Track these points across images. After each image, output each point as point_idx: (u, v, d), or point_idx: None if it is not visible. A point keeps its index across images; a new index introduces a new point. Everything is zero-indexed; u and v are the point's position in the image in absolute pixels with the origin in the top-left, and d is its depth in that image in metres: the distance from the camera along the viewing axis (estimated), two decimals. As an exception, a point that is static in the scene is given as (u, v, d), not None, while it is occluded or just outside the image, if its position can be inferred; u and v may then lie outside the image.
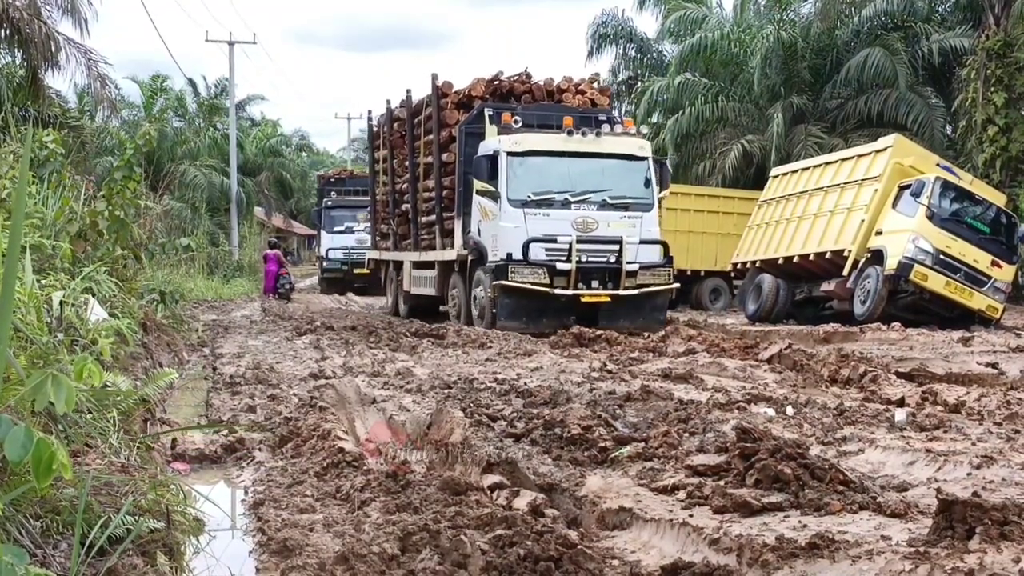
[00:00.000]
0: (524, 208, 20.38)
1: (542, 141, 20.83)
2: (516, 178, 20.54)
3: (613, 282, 20.23)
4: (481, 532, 5.03)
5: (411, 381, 11.42)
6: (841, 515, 5.27)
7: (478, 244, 21.25)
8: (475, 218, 21.45)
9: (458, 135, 22.53)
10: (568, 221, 20.28)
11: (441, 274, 23.80)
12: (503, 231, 20.38)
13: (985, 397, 8.80)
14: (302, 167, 74.50)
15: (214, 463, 7.77)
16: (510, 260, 20.03)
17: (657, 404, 9.06)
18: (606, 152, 20.98)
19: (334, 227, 42.89)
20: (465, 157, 22.09)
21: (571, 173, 20.75)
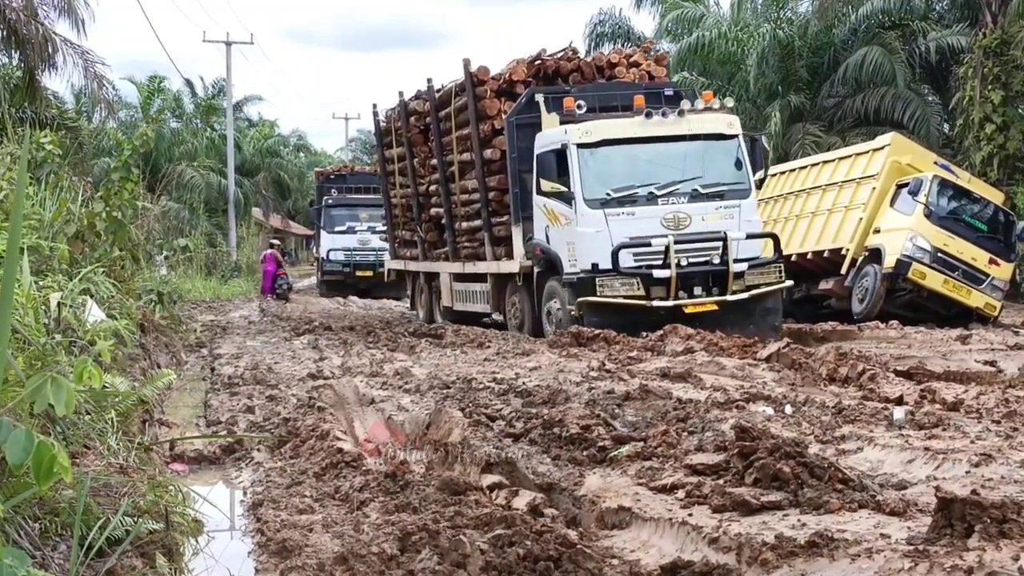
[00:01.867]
0: (604, 208, 17.41)
1: (617, 127, 17.93)
2: (591, 174, 17.69)
3: (719, 286, 17.28)
4: (480, 532, 5.03)
5: (409, 381, 11.42)
6: (840, 513, 5.27)
7: (546, 253, 18.39)
8: (539, 223, 18.68)
9: (506, 128, 19.63)
10: (657, 219, 17.32)
11: (496, 288, 20.93)
12: (582, 237, 17.46)
13: (983, 395, 8.80)
14: (300, 167, 74.45)
15: (213, 464, 7.78)
16: (596, 271, 17.15)
17: (656, 403, 9.05)
18: (692, 133, 17.93)
19: (335, 227, 40.54)
20: (519, 153, 19.26)
21: (654, 161, 17.91)
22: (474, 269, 21.90)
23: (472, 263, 21.98)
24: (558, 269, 17.94)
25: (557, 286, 18.00)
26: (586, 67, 20.79)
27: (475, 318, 22.51)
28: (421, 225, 24.90)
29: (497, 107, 20.25)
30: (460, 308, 22.93)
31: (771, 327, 17.32)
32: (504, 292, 20.60)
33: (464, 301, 22.77)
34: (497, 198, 20.48)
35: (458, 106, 21.55)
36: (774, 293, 17.68)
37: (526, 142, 19.03)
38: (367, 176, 42.15)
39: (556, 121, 18.40)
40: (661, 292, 17.03)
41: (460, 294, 22.92)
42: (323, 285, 41.14)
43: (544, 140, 18.46)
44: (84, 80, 27.71)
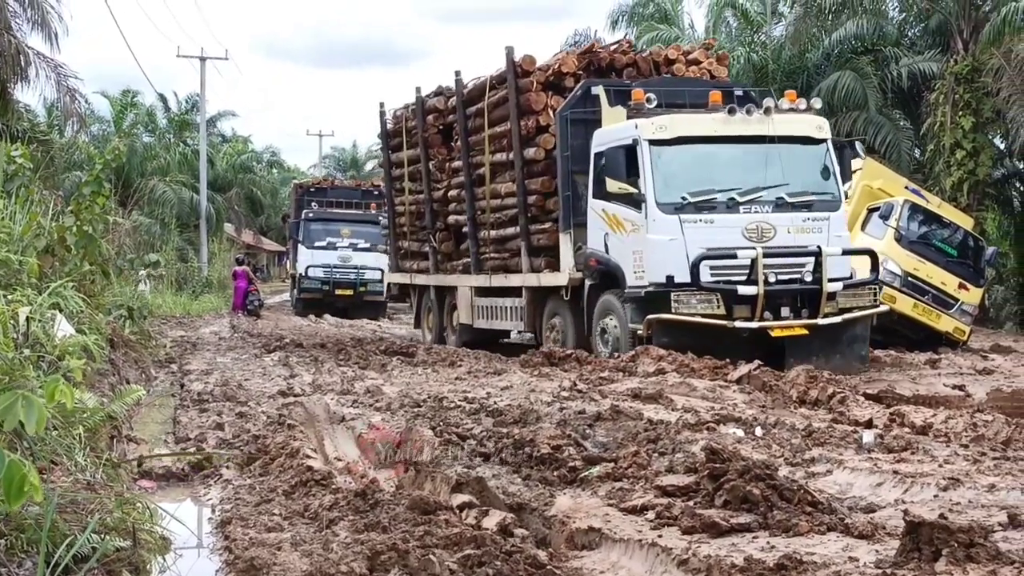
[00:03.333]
0: (679, 214, 15.40)
1: (696, 124, 16.01)
2: (665, 174, 15.72)
3: (810, 307, 15.28)
4: (450, 552, 5.02)
5: (381, 399, 11.39)
6: (809, 536, 5.28)
7: (603, 263, 16.51)
8: (594, 230, 16.77)
9: (558, 123, 17.72)
10: (738, 228, 15.40)
11: (533, 303, 18.88)
12: (653, 246, 15.41)
13: (952, 419, 8.86)
14: (273, 184, 74.24)
15: (181, 481, 7.73)
16: (671, 285, 15.09)
17: (627, 424, 9.07)
18: (778, 135, 15.91)
19: (315, 242, 38.13)
20: (572, 152, 17.40)
21: (735, 164, 16.14)
22: (505, 282, 19.89)
23: (502, 275, 20.03)
24: (618, 282, 16.09)
25: (615, 301, 16.18)
26: (642, 62, 19.11)
27: (494, 338, 21.11)
28: (435, 234, 22.95)
29: (543, 101, 18.39)
30: (483, 325, 20.98)
31: (859, 357, 15.63)
32: (542, 308, 18.79)
33: (489, 318, 20.71)
34: (538, 202, 18.64)
35: (493, 100, 19.73)
36: (865, 319, 15.82)
37: (580, 140, 17.34)
38: (348, 190, 41.54)
39: (622, 115, 16.61)
40: (745, 312, 15.04)
41: (484, 310, 20.87)
42: (300, 303, 38.99)
43: (607, 137, 16.63)
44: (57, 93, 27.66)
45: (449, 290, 22.55)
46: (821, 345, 15.19)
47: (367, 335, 24.39)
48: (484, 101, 20.03)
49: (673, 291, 15.03)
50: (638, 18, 40.08)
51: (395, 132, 24.91)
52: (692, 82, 18.30)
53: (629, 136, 16.02)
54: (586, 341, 16.86)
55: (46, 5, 25.87)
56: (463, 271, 21.72)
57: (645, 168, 15.65)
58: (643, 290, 15.47)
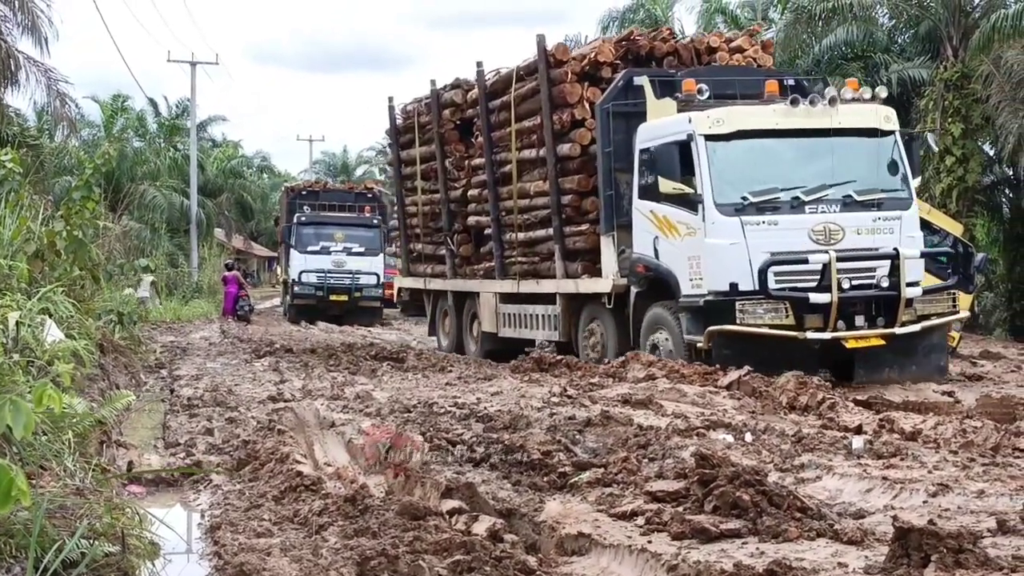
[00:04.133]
0: (740, 215, 14.12)
1: (756, 116, 14.70)
2: (724, 173, 14.40)
3: (887, 315, 14.08)
4: (439, 557, 5.02)
5: (371, 405, 11.38)
6: (798, 542, 5.29)
7: (653, 269, 15.26)
8: (640, 233, 15.50)
9: (598, 117, 16.47)
10: (804, 230, 14.11)
11: (568, 311, 17.65)
12: (712, 251, 14.18)
13: (941, 425, 8.87)
14: (263, 189, 74.17)
15: (171, 486, 7.72)
16: (735, 293, 13.88)
17: (617, 430, 9.07)
18: (843, 127, 14.68)
19: (307, 246, 36.74)
20: (614, 147, 16.17)
21: (799, 160, 14.90)
22: (536, 288, 18.61)
23: (532, 281, 18.79)
24: (671, 290, 14.82)
25: (663, 313, 14.98)
26: (683, 50, 17.80)
27: (521, 347, 19.19)
28: (453, 236, 21.65)
29: (579, 93, 17.06)
30: (510, 334, 19.56)
31: (937, 368, 14.52)
32: (577, 316, 17.59)
33: (516, 327, 19.34)
34: (574, 202, 17.42)
35: (521, 93, 18.48)
36: (943, 326, 14.72)
37: (621, 135, 16.14)
38: (341, 193, 40.77)
39: (671, 108, 15.24)
40: (816, 321, 13.83)
41: (511, 318, 19.52)
42: (292, 309, 37.32)
43: (654, 132, 15.29)
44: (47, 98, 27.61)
45: (469, 296, 21.36)
46: (895, 356, 14.17)
47: (357, 340, 24.35)
48: (510, 94, 18.81)
49: (738, 300, 13.81)
50: (628, 23, 40.10)
51: (406, 128, 23.71)
52: (742, 71, 17.13)
53: (682, 131, 14.65)
54: (629, 349, 15.44)
55: (36, 9, 25.82)
56: (485, 276, 20.55)
57: (701, 166, 14.34)
58: (701, 299, 14.20)
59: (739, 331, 13.71)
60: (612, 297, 16.21)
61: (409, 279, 24.48)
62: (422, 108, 22.52)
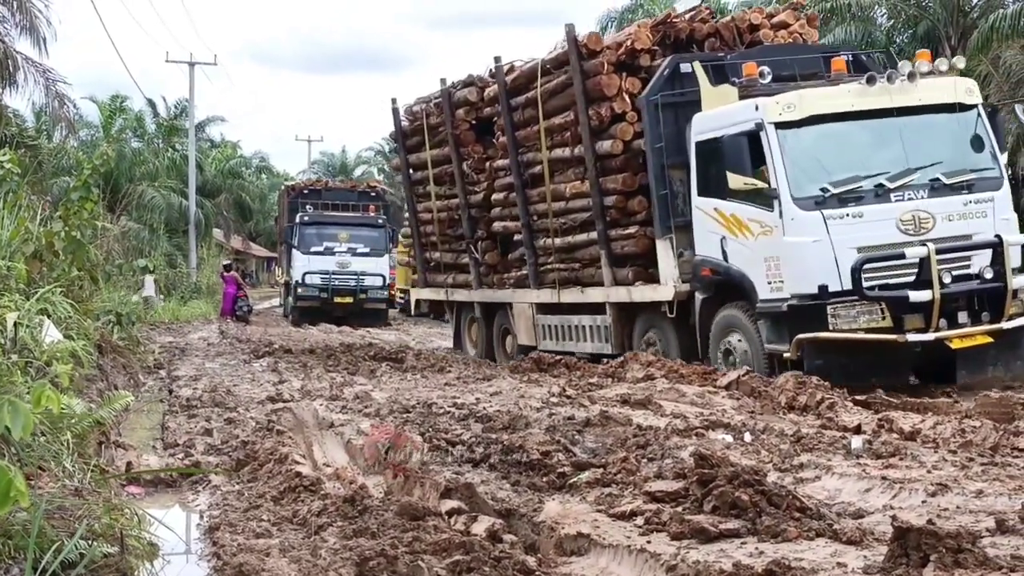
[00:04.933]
0: (822, 209, 12.85)
1: (830, 99, 13.39)
2: (800, 163, 13.16)
3: (992, 310, 12.80)
4: (439, 557, 5.02)
5: (369, 405, 11.38)
6: (797, 542, 5.29)
7: (722, 273, 14.02)
8: (703, 233, 14.31)
9: (645, 110, 15.11)
10: (891, 220, 12.84)
11: (621, 321, 16.33)
12: (794, 250, 12.93)
13: (940, 425, 8.87)
14: (262, 189, 74.21)
15: (169, 487, 7.72)
16: (825, 295, 12.55)
17: (616, 430, 9.07)
18: (924, 104, 13.45)
19: (311, 247, 35.56)
20: (665, 142, 14.90)
21: (878, 143, 13.53)
22: (581, 297, 17.24)
23: (574, 290, 17.40)
24: (744, 294, 13.65)
25: (742, 318, 13.70)
26: (725, 30, 16.35)
27: None
28: (476, 244, 20.35)
29: (617, 85, 15.70)
30: (551, 347, 17.88)
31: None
32: (631, 326, 16.26)
33: (558, 339, 17.95)
34: (619, 203, 15.98)
35: (548, 88, 17.19)
36: None
37: (670, 128, 14.92)
38: (344, 192, 39.85)
39: (730, 95, 14.06)
40: (917, 322, 12.52)
41: (551, 330, 18.18)
42: (295, 312, 35.96)
43: (713, 122, 14.05)
44: (45, 98, 27.65)
45: (499, 307, 20.07)
46: (999, 353, 12.87)
47: (356, 341, 24.34)
48: (535, 89, 17.48)
49: (829, 303, 12.52)
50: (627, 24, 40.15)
51: (413, 130, 22.38)
52: (797, 49, 15.79)
53: (749, 120, 13.34)
54: (696, 362, 14.27)
55: (34, 10, 25.84)
56: (517, 285, 19.13)
57: (774, 157, 13.06)
58: (784, 303, 12.94)
59: (834, 339, 12.44)
60: (674, 305, 14.81)
61: (427, 290, 23.01)
62: (431, 108, 21.22)
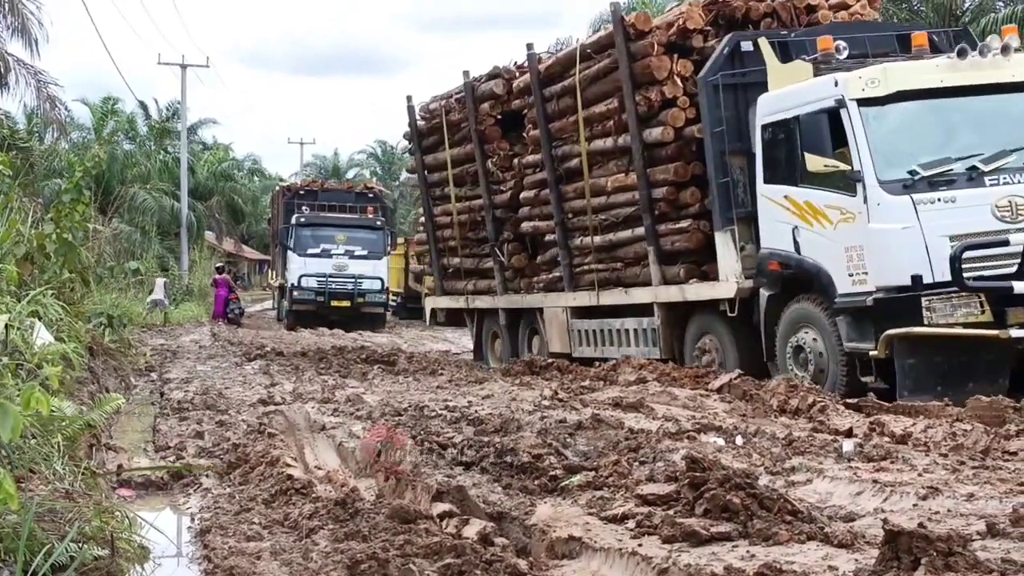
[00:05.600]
0: (911, 193, 11.80)
1: (918, 74, 12.36)
2: (886, 142, 12.16)
3: None
4: (430, 561, 5.01)
5: (361, 408, 11.37)
6: (789, 545, 5.29)
7: (793, 266, 13.05)
8: (770, 224, 13.34)
9: (703, 92, 14.19)
10: (986, 206, 11.75)
11: (670, 322, 15.24)
12: (881, 238, 11.89)
13: (931, 428, 8.88)
14: (254, 192, 74.20)
15: (160, 489, 7.71)
16: (920, 287, 11.52)
17: (608, 433, 9.07)
18: (1019, 81, 12.41)
19: (307, 249, 34.80)
20: (726, 126, 13.90)
21: (970, 122, 12.64)
22: (625, 299, 16.18)
23: (616, 291, 16.40)
24: (819, 289, 12.70)
25: (816, 311, 12.74)
26: (782, 9, 15.23)
27: None
28: (502, 246, 19.36)
29: (668, 67, 14.71)
30: (588, 354, 16.90)
31: None
32: (682, 329, 15.21)
33: (596, 344, 16.89)
34: (669, 195, 14.96)
35: (589, 74, 16.26)
36: None
37: (732, 111, 13.98)
38: (341, 193, 39.37)
39: (802, 72, 13.09)
40: (1021, 315, 11.46)
41: (587, 335, 17.11)
42: (291, 316, 35.24)
43: (784, 102, 13.05)
44: (37, 100, 27.64)
45: (526, 313, 19.12)
46: None
47: (348, 344, 24.33)
48: (574, 76, 16.54)
49: (924, 296, 11.48)
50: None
51: (431, 129, 21.35)
52: (867, 26, 14.82)
53: (828, 96, 12.36)
54: (758, 365, 13.48)
55: (26, 12, 25.82)
56: (548, 289, 18.16)
57: (857, 137, 12.07)
58: (869, 297, 11.91)
59: (930, 334, 11.41)
60: (736, 303, 13.80)
61: (445, 298, 21.92)
62: (452, 104, 20.30)
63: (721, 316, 14.25)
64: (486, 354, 20.69)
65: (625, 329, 16.18)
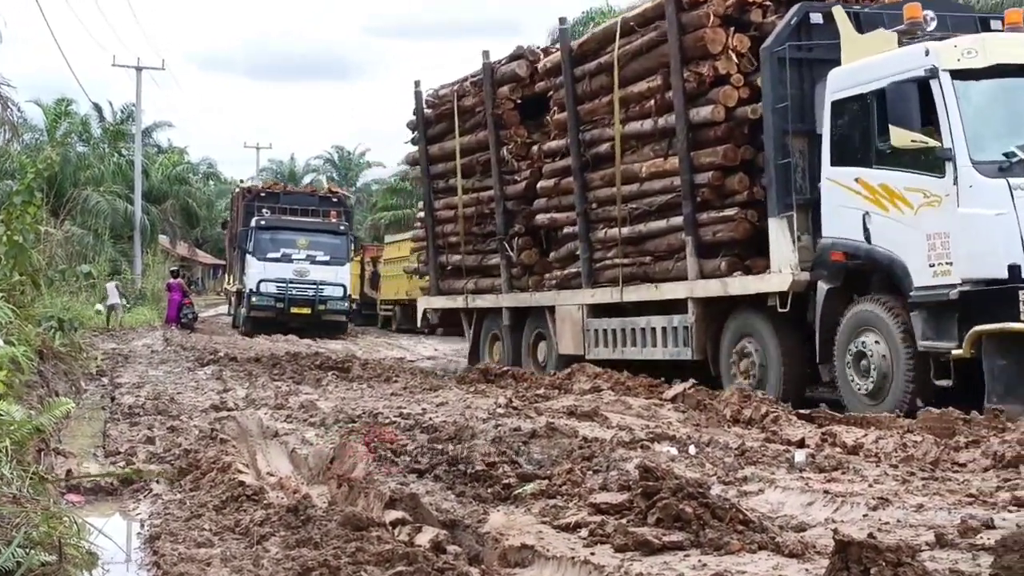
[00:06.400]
0: (1007, 176, 10.76)
1: (1021, 47, 11.32)
2: (981, 119, 11.17)
3: None
4: (382, 569, 4.99)
5: (315, 415, 11.32)
6: (740, 555, 5.31)
7: (862, 256, 11.96)
8: (836, 209, 12.28)
9: (766, 65, 13.08)
10: None
11: (706, 320, 14.12)
12: (972, 224, 10.84)
13: (882, 439, 8.96)
14: (209, 196, 73.71)
15: (110, 495, 7.63)
16: (1018, 279, 10.49)
17: (562, 441, 9.07)
18: None
19: (267, 253, 33.84)
20: (791, 103, 12.84)
21: None
22: (655, 295, 15.02)
23: (643, 287, 15.27)
24: (894, 281, 11.65)
25: (877, 307, 11.73)
26: None
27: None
28: (511, 241, 18.32)
29: (723, 40, 13.60)
30: (605, 355, 15.88)
31: None
32: (718, 330, 14.11)
33: (618, 344, 15.75)
34: (714, 181, 13.82)
35: (631, 49, 15.14)
36: None
37: (797, 88, 12.96)
38: (304, 196, 38.49)
39: (883, 42, 12.02)
40: None
41: (608, 335, 15.96)
42: (249, 322, 34.11)
43: (862, 74, 12.04)
44: (-11, 101, 27.30)
45: (533, 313, 18.12)
46: None
47: (302, 350, 24.20)
48: (612, 51, 15.43)
49: (1021, 288, 10.41)
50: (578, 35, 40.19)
51: (440, 116, 20.29)
52: (948, 4, 13.61)
53: (918, 67, 11.28)
54: (804, 367, 12.82)
55: (-21, 12, 25.57)
56: (562, 286, 17.11)
57: (949, 111, 11.06)
58: (953, 290, 10.87)
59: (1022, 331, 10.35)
60: (788, 298, 12.68)
61: (440, 298, 20.74)
62: (466, 88, 19.29)
63: (766, 314, 13.16)
64: (483, 357, 19.53)
65: (652, 328, 15.07)
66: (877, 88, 11.62)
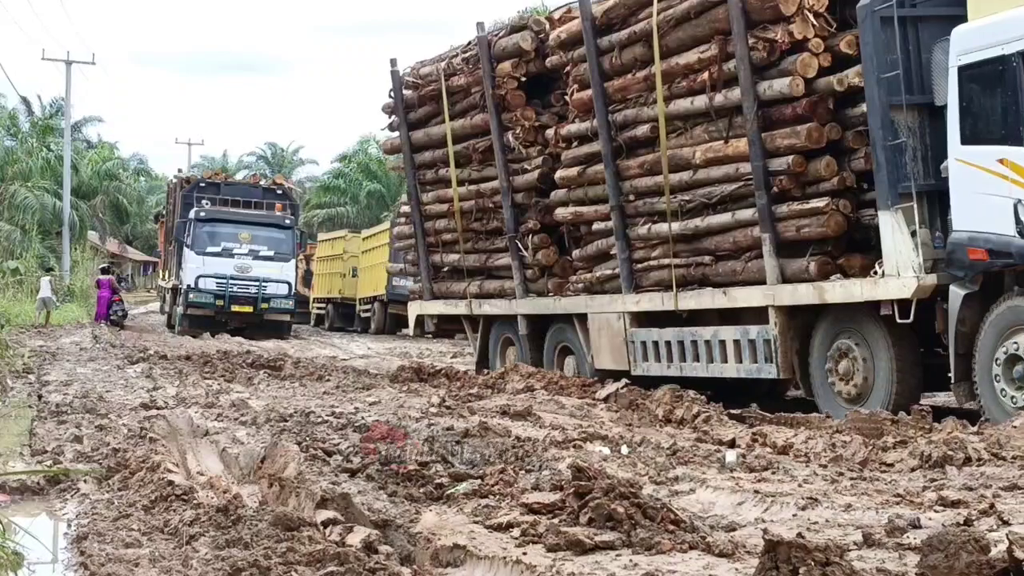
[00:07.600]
0: None
1: None
2: None
3: None
4: (312, 569, 4.96)
5: (246, 413, 11.23)
6: (671, 554, 5.34)
7: (1015, 252, 9.85)
8: (972, 197, 10.26)
9: (866, 27, 10.86)
10: None
11: (791, 331, 12.04)
12: None
13: (812, 440, 9.06)
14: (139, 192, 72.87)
15: (36, 495, 7.52)
16: None
17: (495, 441, 9.08)
18: None
19: (206, 247, 31.56)
20: (902, 72, 10.74)
21: None
22: (723, 302, 12.84)
23: (706, 292, 13.04)
24: None
25: None
26: None
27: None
28: (523, 239, 15.96)
29: (797, 2, 11.43)
30: (656, 371, 13.78)
31: None
32: (806, 341, 12.08)
33: (674, 359, 13.50)
34: (795, 167, 11.64)
35: (675, 13, 12.90)
36: None
37: (903, 52, 10.85)
38: (246, 187, 36.27)
39: None
40: None
41: (660, 349, 13.72)
42: (185, 320, 31.88)
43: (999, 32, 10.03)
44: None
45: (558, 321, 15.71)
46: None
47: (234, 348, 23.96)
48: (649, 18, 13.25)
49: None
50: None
51: (424, 98, 17.82)
52: None
53: None
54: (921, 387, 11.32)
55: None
56: (591, 290, 14.80)
57: None
58: None
59: None
60: (910, 305, 10.68)
61: (436, 303, 18.22)
62: (456, 66, 16.82)
63: (874, 324, 11.33)
64: (495, 367, 16.71)
65: (720, 340, 12.88)
66: (1020, 50, 9.82)
